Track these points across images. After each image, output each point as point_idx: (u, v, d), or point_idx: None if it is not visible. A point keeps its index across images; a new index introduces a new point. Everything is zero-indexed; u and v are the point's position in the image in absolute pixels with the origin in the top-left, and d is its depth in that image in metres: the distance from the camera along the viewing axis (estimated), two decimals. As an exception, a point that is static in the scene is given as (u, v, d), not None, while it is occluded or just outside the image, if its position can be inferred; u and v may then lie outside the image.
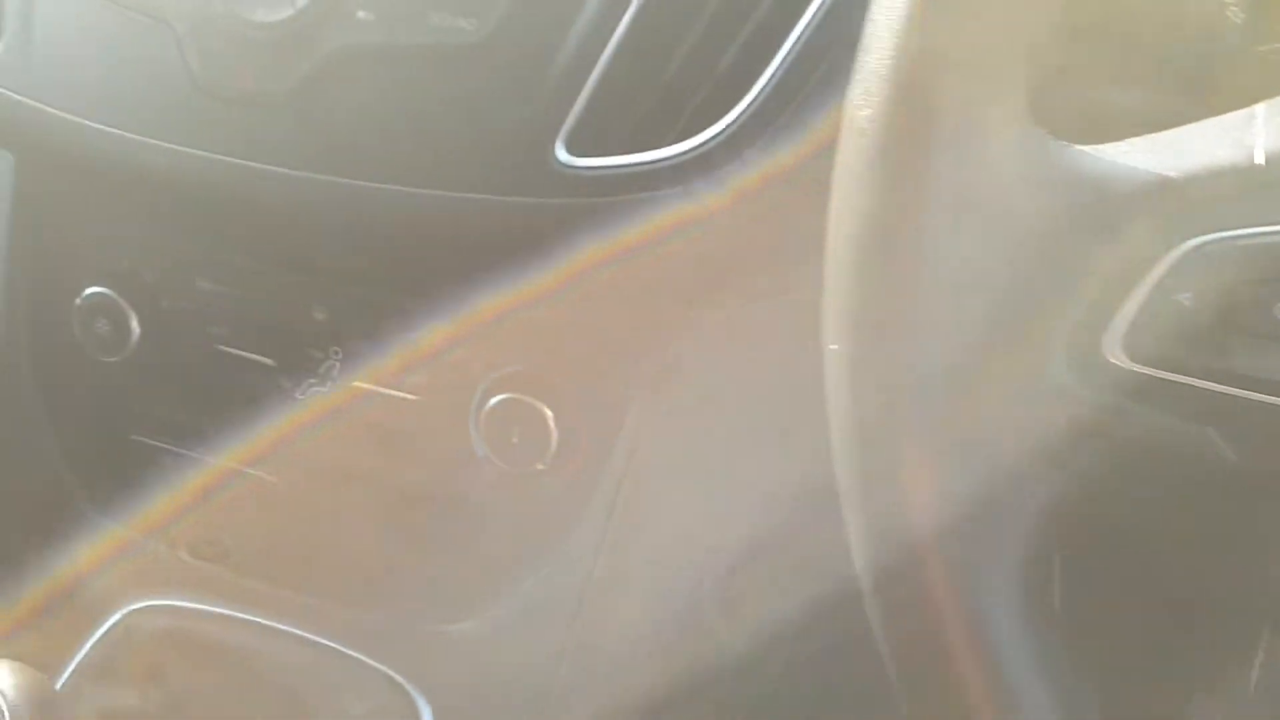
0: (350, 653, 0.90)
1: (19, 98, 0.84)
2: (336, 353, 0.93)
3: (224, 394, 0.96)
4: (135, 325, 0.95)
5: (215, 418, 0.97)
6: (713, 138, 0.72)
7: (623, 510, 0.85)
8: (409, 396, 0.91)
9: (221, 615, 0.92)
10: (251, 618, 0.92)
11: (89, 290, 0.95)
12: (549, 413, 0.86)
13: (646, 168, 0.73)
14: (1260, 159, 0.41)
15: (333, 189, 0.77)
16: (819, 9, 0.70)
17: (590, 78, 0.73)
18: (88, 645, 0.93)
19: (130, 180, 0.86)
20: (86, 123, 0.82)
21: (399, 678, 0.89)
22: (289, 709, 0.89)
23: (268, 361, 0.94)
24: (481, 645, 0.89)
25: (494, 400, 0.87)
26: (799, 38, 0.70)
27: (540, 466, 0.87)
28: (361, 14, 0.75)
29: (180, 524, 0.99)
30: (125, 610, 0.94)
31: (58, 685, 0.87)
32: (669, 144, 0.73)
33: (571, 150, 0.73)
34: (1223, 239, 0.41)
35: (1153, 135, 0.46)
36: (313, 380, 0.94)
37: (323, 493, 0.96)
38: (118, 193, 0.91)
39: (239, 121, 0.78)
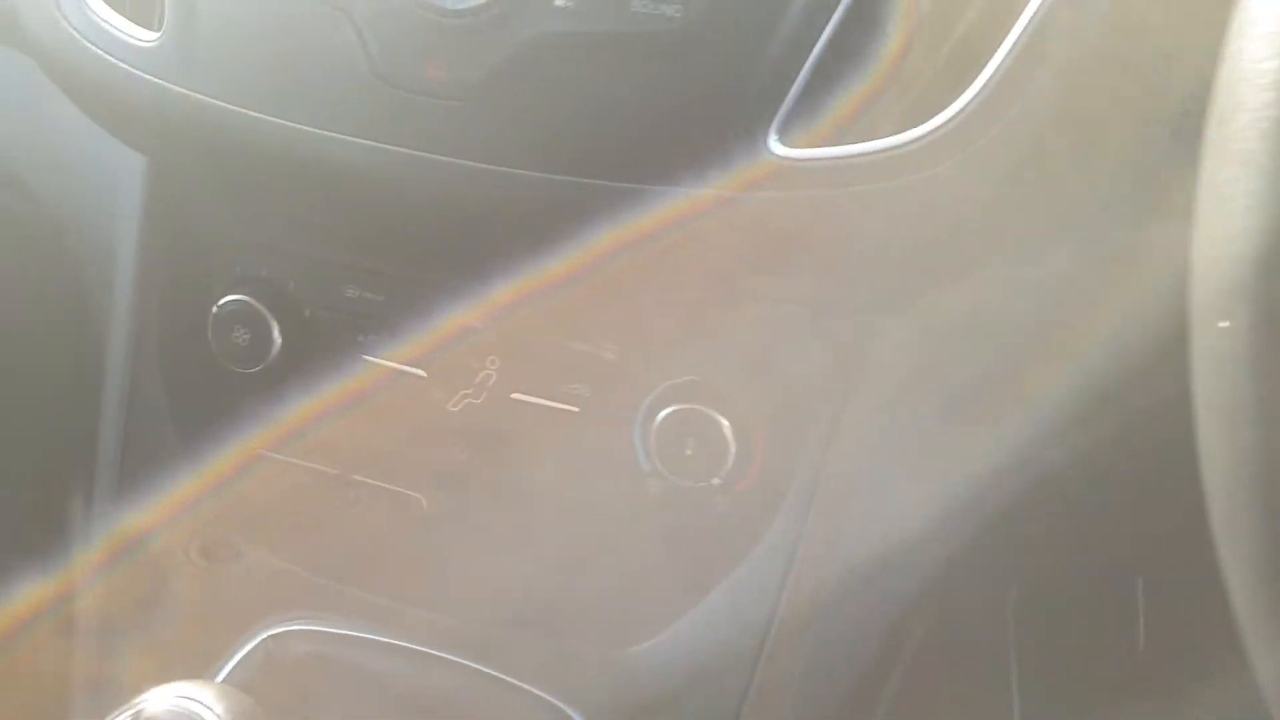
0: (512, 681, 0.84)
1: (176, 89, 0.79)
2: (493, 362, 0.88)
3: (371, 407, 0.91)
4: (276, 335, 0.91)
5: (360, 434, 0.93)
6: (939, 127, 0.68)
7: (812, 527, 0.80)
8: (569, 409, 0.87)
9: (368, 640, 0.87)
10: (402, 643, 0.87)
11: (227, 298, 0.91)
12: (726, 423, 0.81)
13: (866, 160, 0.69)
14: None
15: (521, 184, 0.73)
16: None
17: (805, 62, 0.69)
18: (225, 670, 0.88)
19: (285, 176, 0.81)
20: (250, 114, 0.78)
21: (565, 708, 0.83)
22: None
23: (419, 373, 0.90)
24: (653, 673, 0.84)
25: (666, 411, 0.83)
26: (1037, 12, 0.66)
27: (716, 481, 0.83)
28: (559, 1, 0.71)
29: (317, 545, 0.94)
30: (263, 635, 0.89)
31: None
32: (891, 134, 0.69)
33: (785, 140, 0.69)
34: None
35: None
36: (467, 392, 0.89)
37: (475, 511, 0.91)
38: (266, 191, 0.87)
39: (423, 113, 0.73)
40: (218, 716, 0.58)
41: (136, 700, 0.60)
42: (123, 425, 0.95)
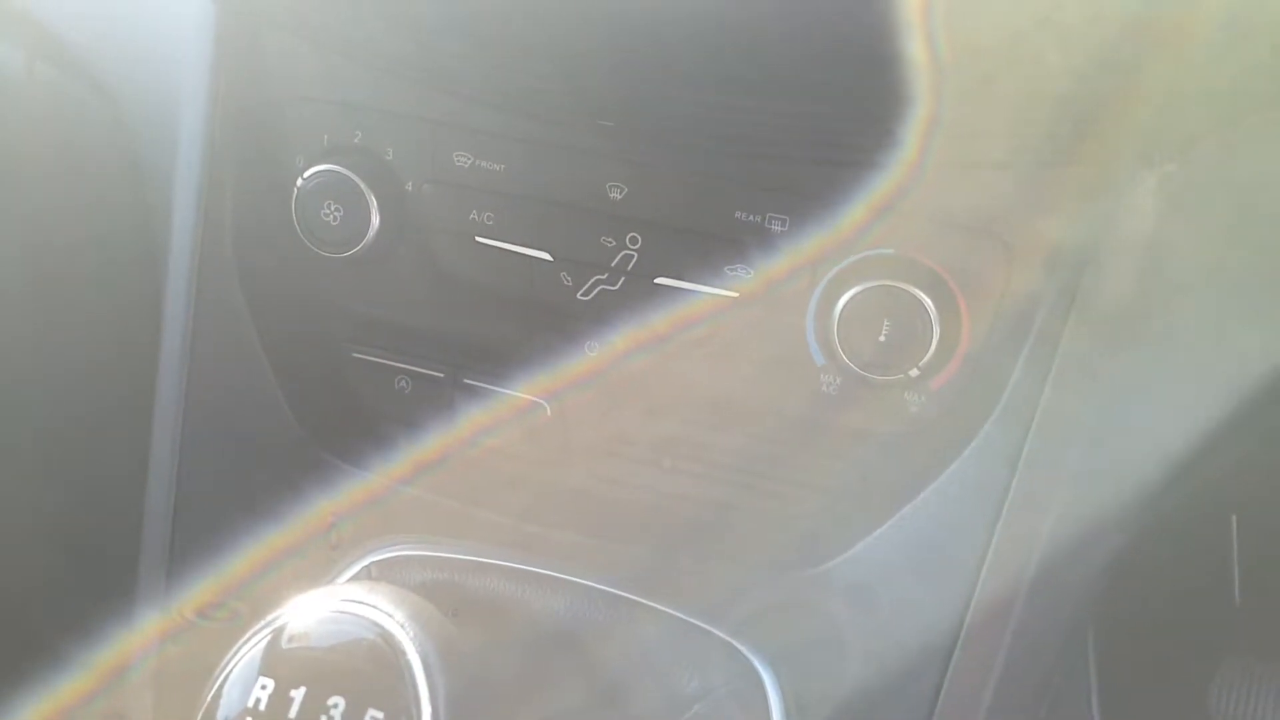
0: (670, 612, 0.71)
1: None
2: (634, 241, 0.75)
3: (485, 298, 0.78)
4: (374, 213, 0.77)
5: (471, 330, 0.79)
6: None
7: (1040, 428, 0.67)
8: (726, 294, 0.74)
9: (497, 567, 0.74)
10: (541, 570, 0.74)
11: (314, 170, 0.77)
12: (931, 304, 0.68)
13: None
14: None
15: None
16: None
17: None
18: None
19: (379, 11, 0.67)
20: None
21: (735, 643, 0.70)
22: (596, 684, 0.70)
23: (543, 256, 0.76)
24: (837, 600, 0.70)
25: (854, 290, 0.69)
26: None
27: (914, 373, 0.69)
28: None
29: (423, 460, 0.80)
30: (366, 560, 0.76)
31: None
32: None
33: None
34: None
35: None
36: (601, 277, 0.76)
37: (615, 420, 0.77)
38: (358, 37, 0.73)
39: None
40: (401, 626, 0.45)
41: (274, 615, 0.47)
42: (190, 326, 0.81)
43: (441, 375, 0.81)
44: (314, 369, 0.83)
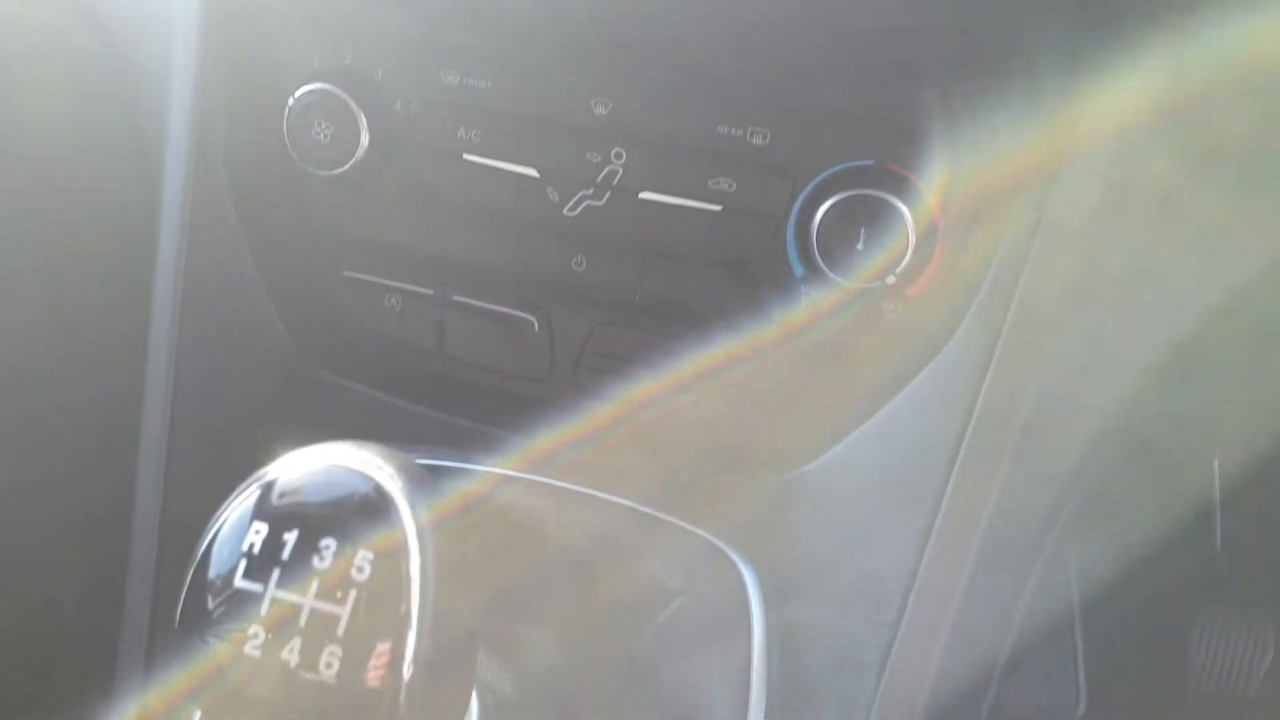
0: (656, 514, 0.73)
1: None
2: (619, 156, 0.76)
3: (473, 216, 0.79)
4: (364, 132, 0.78)
5: (459, 247, 0.81)
6: None
7: (1008, 337, 0.68)
8: (709, 208, 0.75)
9: (486, 474, 0.76)
10: (531, 477, 0.75)
11: (305, 89, 0.79)
12: (907, 213, 0.70)
13: None
14: None
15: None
16: None
17: None
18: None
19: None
20: None
21: (717, 541, 0.73)
22: (588, 584, 0.72)
23: (529, 172, 0.78)
24: (817, 500, 0.73)
25: (834, 199, 0.71)
26: None
27: (890, 280, 0.71)
28: None
29: (414, 375, 0.82)
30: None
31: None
32: None
33: None
34: None
35: None
36: (587, 193, 0.77)
37: (599, 333, 0.79)
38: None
39: None
40: (390, 476, 0.47)
41: (265, 470, 0.49)
42: (185, 245, 0.83)
43: (430, 292, 0.82)
44: (307, 287, 0.84)
